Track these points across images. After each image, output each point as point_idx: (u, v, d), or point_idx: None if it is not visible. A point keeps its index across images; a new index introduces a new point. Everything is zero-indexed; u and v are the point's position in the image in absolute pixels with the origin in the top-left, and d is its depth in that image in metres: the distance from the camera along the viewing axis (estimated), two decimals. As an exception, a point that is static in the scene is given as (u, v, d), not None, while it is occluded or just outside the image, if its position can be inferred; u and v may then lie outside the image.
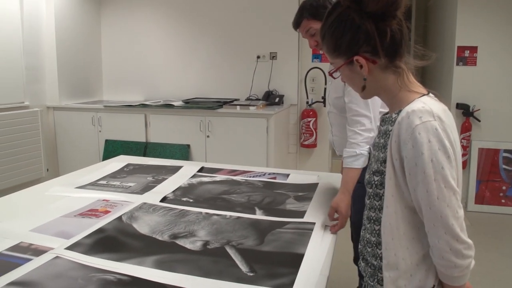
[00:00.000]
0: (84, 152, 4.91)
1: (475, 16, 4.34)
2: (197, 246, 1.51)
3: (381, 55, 1.10)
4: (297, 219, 1.77)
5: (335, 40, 1.14)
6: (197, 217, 1.78)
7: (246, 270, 1.34)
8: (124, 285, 1.23)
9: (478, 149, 4.49)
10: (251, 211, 1.86)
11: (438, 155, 1.01)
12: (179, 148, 4.57)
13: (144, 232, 1.62)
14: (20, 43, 4.44)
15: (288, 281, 1.26)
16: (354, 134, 1.91)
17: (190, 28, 5.18)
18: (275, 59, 4.93)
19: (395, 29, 1.08)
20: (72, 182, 2.29)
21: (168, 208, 1.88)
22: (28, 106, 4.58)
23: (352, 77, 1.18)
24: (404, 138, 1.04)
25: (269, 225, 1.71)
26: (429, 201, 1.02)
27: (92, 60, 5.43)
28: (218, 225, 1.69)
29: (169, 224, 1.70)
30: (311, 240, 1.56)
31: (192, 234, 1.61)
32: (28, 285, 1.22)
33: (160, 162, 2.76)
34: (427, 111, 1.04)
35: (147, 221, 1.73)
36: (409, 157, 1.04)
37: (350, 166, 1.86)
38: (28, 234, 1.59)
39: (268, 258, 1.42)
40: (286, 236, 1.60)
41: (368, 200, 1.24)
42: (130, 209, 1.85)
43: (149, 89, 5.43)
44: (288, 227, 1.69)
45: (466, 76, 4.45)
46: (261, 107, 4.40)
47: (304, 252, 1.46)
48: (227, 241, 1.55)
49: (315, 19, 1.97)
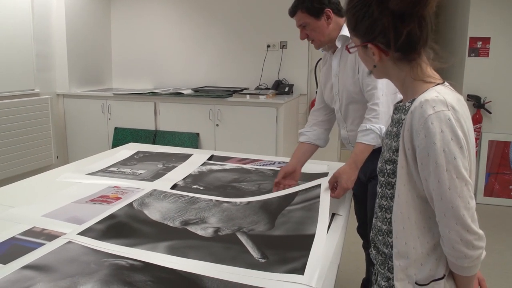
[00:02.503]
0: (94, 140, 4.94)
1: (488, 7, 4.29)
2: (208, 232, 1.52)
3: (393, 51, 1.10)
4: (303, 185, 1.82)
5: (355, 21, 1.14)
6: (207, 204, 1.79)
7: (258, 257, 1.34)
8: (136, 270, 1.24)
9: (488, 141, 4.46)
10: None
11: (450, 145, 1.01)
12: (188, 136, 4.58)
13: (155, 219, 1.63)
14: (30, 31, 4.45)
15: (300, 265, 1.26)
16: (368, 110, 1.91)
17: (201, 17, 5.16)
18: (285, 48, 4.91)
19: (414, 30, 1.06)
20: (83, 169, 2.30)
21: (179, 195, 1.89)
22: (39, 94, 4.60)
23: (365, 58, 1.20)
24: (417, 127, 1.04)
25: (278, 205, 1.73)
26: (441, 191, 1.02)
27: (102, 47, 5.44)
28: (228, 212, 1.70)
29: (180, 211, 1.70)
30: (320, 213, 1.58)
31: (203, 221, 1.61)
32: (42, 269, 1.23)
33: (170, 150, 2.77)
34: (441, 100, 1.03)
35: (158, 207, 1.74)
36: (421, 147, 1.03)
37: (359, 140, 1.87)
38: (41, 219, 1.61)
39: (279, 243, 1.43)
40: (295, 215, 1.61)
41: (380, 189, 1.24)
42: (141, 196, 1.86)
43: (159, 77, 5.44)
44: (296, 201, 1.71)
45: (478, 68, 4.41)
46: (271, 96, 4.39)
47: (314, 232, 1.46)
48: (238, 227, 1.56)
49: (308, 13, 1.97)
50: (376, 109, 1.87)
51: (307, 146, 2.16)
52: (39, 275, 1.19)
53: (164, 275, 1.22)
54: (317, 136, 2.18)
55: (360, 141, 1.87)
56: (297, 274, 1.22)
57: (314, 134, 2.18)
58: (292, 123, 4.80)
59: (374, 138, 1.84)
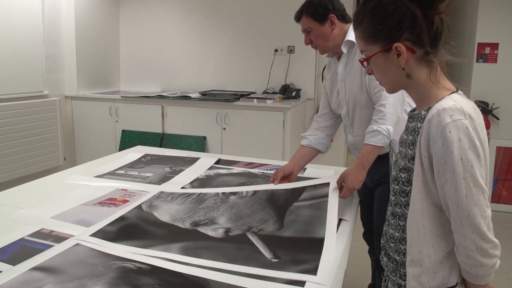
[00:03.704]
0: (101, 142, 4.96)
1: (496, 12, 4.27)
2: (219, 233, 1.54)
3: (426, 43, 1.08)
4: (311, 181, 1.87)
5: (376, 24, 1.11)
6: (215, 201, 1.81)
7: (270, 257, 1.36)
8: (144, 273, 1.24)
9: (496, 147, 4.44)
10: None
11: (468, 153, 1.01)
12: (195, 139, 4.59)
13: (165, 220, 1.65)
14: (40, 33, 4.49)
15: (312, 267, 1.29)
16: (375, 111, 1.91)
17: (208, 21, 5.18)
18: (293, 53, 4.91)
19: (439, 20, 1.06)
20: (91, 171, 2.32)
21: (186, 194, 1.91)
22: (47, 96, 4.63)
23: (385, 66, 1.14)
24: (434, 136, 1.04)
25: (285, 198, 1.76)
26: (457, 199, 1.02)
27: (110, 50, 5.47)
28: (236, 209, 1.72)
29: (188, 212, 1.72)
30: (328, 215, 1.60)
31: (213, 222, 1.63)
32: (50, 270, 1.24)
33: (177, 153, 2.77)
34: (458, 109, 1.03)
35: (167, 209, 1.76)
36: (438, 155, 1.04)
37: (366, 142, 1.88)
38: (49, 221, 1.62)
39: (290, 244, 1.45)
40: (304, 213, 1.65)
41: (394, 197, 1.24)
42: (149, 198, 1.87)
43: (166, 80, 5.46)
44: (304, 197, 1.75)
45: (486, 73, 4.39)
46: (278, 101, 4.40)
47: (323, 235, 1.48)
48: (248, 227, 1.58)
49: (313, 18, 1.99)
50: (383, 110, 1.87)
51: (307, 150, 2.19)
52: (48, 277, 1.20)
53: (171, 278, 1.22)
54: (319, 141, 2.19)
55: (367, 143, 1.87)
56: (311, 274, 1.25)
57: (315, 139, 2.20)
58: (299, 127, 4.80)
59: (381, 139, 1.84)
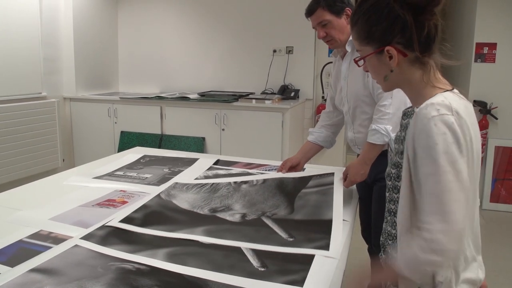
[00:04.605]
0: (100, 143, 4.96)
1: (495, 12, 4.28)
2: (236, 218, 1.68)
3: (416, 48, 1.08)
4: (316, 171, 2.08)
5: (369, 27, 1.12)
6: (228, 190, 1.95)
7: (286, 236, 1.51)
8: (143, 274, 1.24)
9: (494, 147, 4.44)
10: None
11: (452, 148, 1.00)
12: (194, 140, 4.59)
13: (185, 207, 1.78)
14: (38, 35, 4.49)
15: (324, 244, 1.44)
16: (375, 110, 1.96)
17: (207, 21, 5.19)
18: (291, 53, 4.92)
19: (431, 24, 1.07)
20: (90, 173, 2.31)
21: (200, 185, 2.03)
22: (46, 97, 4.63)
23: (378, 67, 1.16)
24: (420, 127, 1.03)
25: (294, 186, 1.95)
26: (437, 192, 0.99)
27: (108, 51, 5.47)
28: (249, 197, 1.87)
29: (205, 200, 1.86)
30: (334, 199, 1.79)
31: (229, 208, 1.78)
32: (49, 272, 1.24)
33: (176, 154, 2.77)
34: (446, 105, 1.03)
35: (184, 198, 1.89)
36: (422, 147, 1.03)
37: (367, 139, 1.96)
38: (48, 223, 1.62)
39: (302, 225, 1.61)
40: (312, 198, 1.83)
41: (388, 193, 1.24)
42: (166, 188, 2.00)
43: (165, 81, 5.46)
44: (311, 184, 1.95)
45: (484, 73, 4.40)
46: (277, 101, 4.40)
47: (331, 217, 1.65)
48: (262, 212, 1.73)
49: (330, 11, 1.97)
50: (382, 110, 1.91)
51: (313, 145, 2.30)
52: (46, 278, 1.20)
53: (170, 279, 1.22)
54: (323, 138, 2.30)
55: (368, 140, 1.95)
56: (323, 249, 1.40)
57: (321, 136, 2.30)
58: (298, 128, 4.80)
59: (380, 138, 1.90)
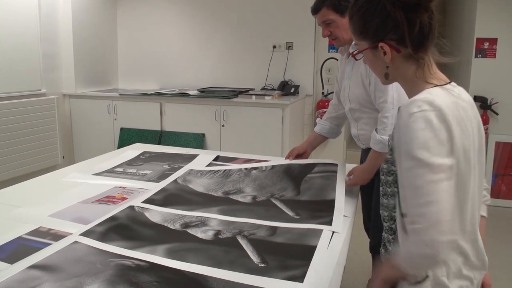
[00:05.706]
0: (99, 140, 4.95)
1: (495, 7, 4.26)
2: (248, 199, 1.84)
3: (408, 45, 1.09)
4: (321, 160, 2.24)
5: (363, 22, 1.14)
6: (239, 175, 2.11)
7: (292, 215, 1.68)
8: (142, 270, 1.24)
9: (495, 143, 4.43)
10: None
11: (430, 143, 0.99)
12: (194, 137, 4.58)
13: (200, 191, 1.95)
14: (37, 31, 4.48)
15: (328, 220, 1.62)
16: (378, 121, 1.99)
17: (206, 17, 5.17)
18: (291, 49, 4.90)
19: (424, 21, 1.07)
20: (89, 169, 2.31)
21: (213, 171, 2.19)
22: (45, 94, 4.62)
23: (375, 61, 1.18)
24: (401, 123, 1.04)
25: (300, 171, 2.12)
26: (415, 186, 0.99)
27: (108, 48, 5.45)
28: (259, 181, 2.04)
29: (218, 184, 2.02)
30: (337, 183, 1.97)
31: (241, 191, 1.94)
32: (48, 268, 1.23)
33: (175, 151, 2.77)
34: (428, 101, 1.02)
35: (199, 182, 2.05)
36: (402, 142, 1.03)
37: (372, 147, 2.01)
38: (47, 219, 1.62)
39: (308, 205, 1.78)
40: (316, 181, 2.00)
41: (381, 187, 1.25)
42: (182, 174, 2.16)
43: (165, 77, 5.45)
44: (316, 170, 2.12)
45: (484, 69, 4.39)
46: (277, 97, 4.39)
47: (334, 197, 1.83)
48: (271, 194, 1.90)
49: (334, 10, 2.00)
50: (385, 122, 1.94)
51: (318, 135, 2.46)
52: (46, 275, 1.20)
53: (169, 275, 1.22)
54: (328, 130, 2.44)
55: (374, 149, 2.00)
56: (327, 225, 1.57)
57: (325, 128, 2.45)
58: (298, 124, 4.79)
59: (384, 147, 1.94)
